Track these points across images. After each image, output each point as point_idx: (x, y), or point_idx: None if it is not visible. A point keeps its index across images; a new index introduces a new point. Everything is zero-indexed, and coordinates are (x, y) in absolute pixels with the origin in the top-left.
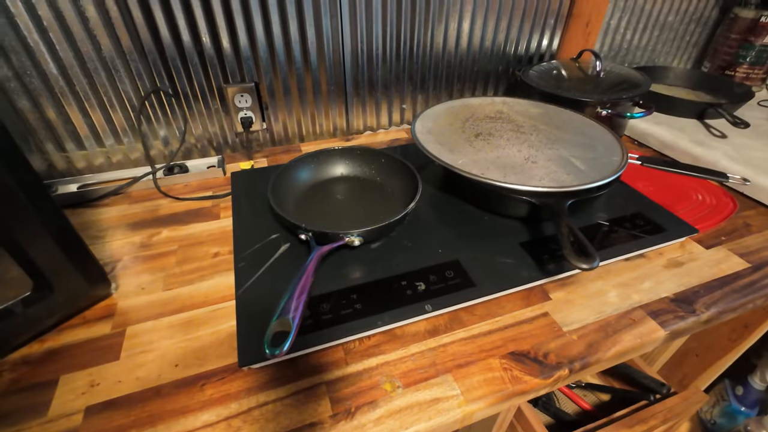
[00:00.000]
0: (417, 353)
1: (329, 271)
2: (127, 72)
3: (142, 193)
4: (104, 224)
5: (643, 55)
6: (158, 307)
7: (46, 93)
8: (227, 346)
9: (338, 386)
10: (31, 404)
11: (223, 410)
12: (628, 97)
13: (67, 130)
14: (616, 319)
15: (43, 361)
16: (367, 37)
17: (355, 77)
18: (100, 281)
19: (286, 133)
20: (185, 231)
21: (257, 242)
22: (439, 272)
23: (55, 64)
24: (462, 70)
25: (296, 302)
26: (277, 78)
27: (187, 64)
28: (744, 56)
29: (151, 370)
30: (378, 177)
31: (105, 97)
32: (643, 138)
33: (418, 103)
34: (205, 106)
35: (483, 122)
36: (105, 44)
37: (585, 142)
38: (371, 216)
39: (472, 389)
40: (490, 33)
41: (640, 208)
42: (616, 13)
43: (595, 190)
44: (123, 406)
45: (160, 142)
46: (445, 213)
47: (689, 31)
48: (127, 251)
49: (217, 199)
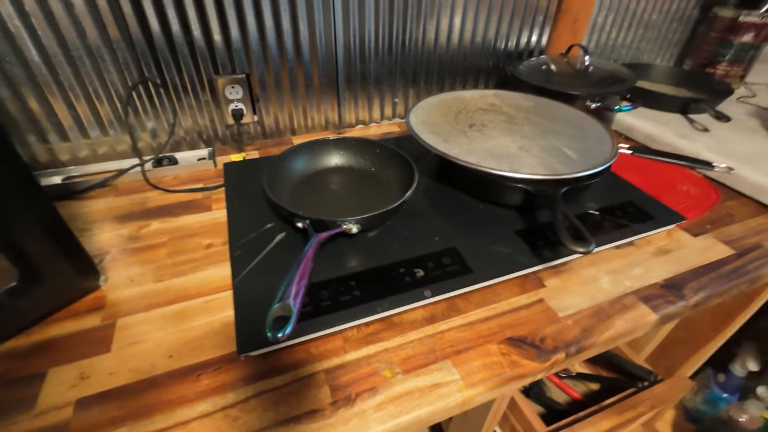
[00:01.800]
0: (415, 340)
1: (327, 259)
2: (113, 61)
3: (129, 186)
4: (91, 216)
5: (628, 53)
6: (149, 299)
7: (28, 82)
8: (223, 336)
9: (337, 374)
10: (18, 398)
11: (220, 400)
12: (616, 90)
13: (50, 121)
14: (609, 304)
15: (30, 354)
16: (359, 31)
17: (347, 71)
18: (88, 272)
19: (277, 125)
20: (176, 223)
21: (252, 232)
22: (436, 259)
23: (38, 52)
24: (453, 65)
25: (296, 287)
26: (269, 70)
27: (177, 55)
28: (723, 54)
29: (144, 362)
30: (373, 167)
31: (90, 87)
32: (630, 131)
33: (410, 97)
34: (195, 97)
35: (476, 114)
36: (90, 32)
37: (576, 133)
38: (367, 205)
39: (471, 374)
40: (481, 29)
41: (629, 198)
42: (602, 11)
43: (588, 178)
44: (116, 398)
45: (148, 134)
46: (441, 203)
47: (672, 30)
48: (115, 243)
49: (208, 191)
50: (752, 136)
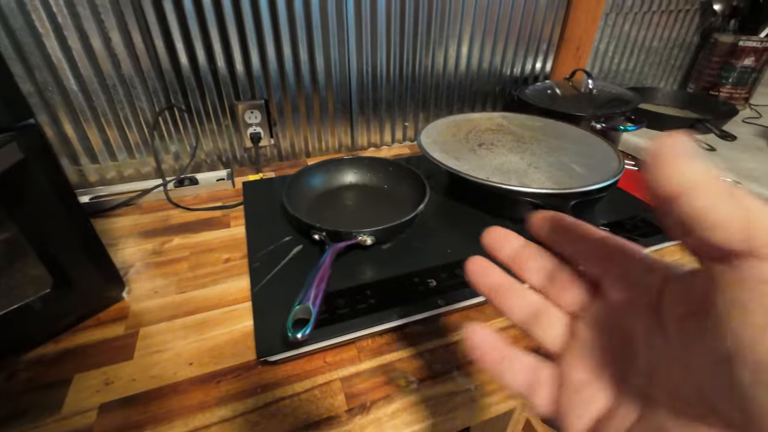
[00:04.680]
0: (429, 350)
1: (343, 270)
2: (144, 89)
3: (152, 204)
4: (116, 233)
5: (632, 77)
6: (171, 309)
7: (65, 108)
8: (242, 345)
9: (353, 382)
10: (45, 402)
11: (240, 406)
12: (620, 111)
13: (82, 145)
14: None
15: (57, 361)
16: (372, 59)
17: (360, 97)
18: (115, 284)
19: (293, 148)
20: (196, 239)
21: (270, 244)
22: (449, 270)
23: (76, 81)
24: (461, 90)
25: (316, 290)
26: (286, 97)
27: (201, 82)
28: (726, 77)
29: (165, 369)
30: (386, 184)
31: (121, 114)
32: (637, 152)
33: (420, 121)
34: (216, 122)
35: (485, 134)
36: (125, 63)
37: (583, 150)
38: (381, 219)
39: (485, 383)
40: (487, 56)
41: (637, 212)
42: (604, 39)
43: (597, 192)
44: (138, 403)
45: (171, 156)
46: (452, 217)
47: (673, 56)
48: (139, 257)
49: (227, 209)
50: (758, 155)
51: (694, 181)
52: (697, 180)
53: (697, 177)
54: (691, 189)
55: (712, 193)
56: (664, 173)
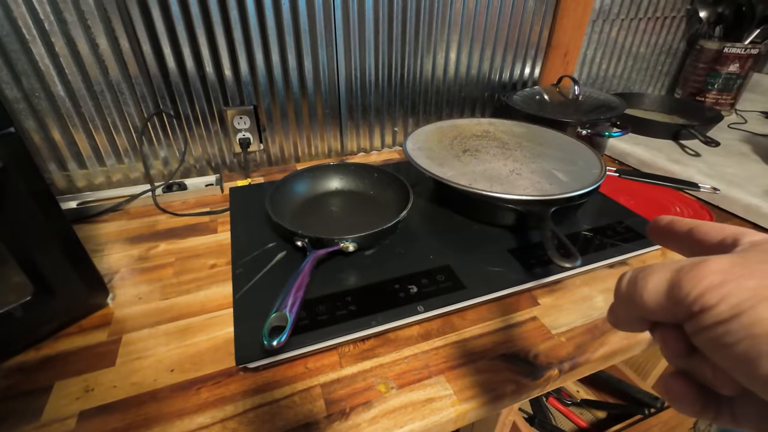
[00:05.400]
0: (410, 356)
1: (325, 276)
2: (131, 95)
3: (140, 210)
4: (102, 238)
5: (620, 83)
6: (155, 316)
7: (53, 114)
8: (223, 351)
9: (333, 388)
10: (25, 409)
11: (219, 412)
12: (606, 117)
13: (70, 150)
14: (604, 321)
15: (38, 368)
16: (360, 65)
17: (349, 102)
18: (98, 290)
19: (282, 153)
20: (183, 244)
21: (254, 250)
22: (430, 276)
23: (63, 87)
24: (450, 96)
25: (293, 298)
26: (275, 102)
27: (190, 88)
28: (712, 83)
29: (146, 376)
30: (371, 190)
31: (109, 119)
32: (623, 157)
33: (409, 126)
34: (206, 127)
35: (470, 140)
36: (112, 69)
37: (566, 157)
38: (365, 225)
39: (464, 389)
40: (476, 62)
41: (621, 219)
42: (591, 45)
43: (576, 198)
44: (118, 410)
45: (159, 162)
46: (436, 223)
47: (660, 62)
48: (124, 263)
49: (214, 215)
50: (743, 160)
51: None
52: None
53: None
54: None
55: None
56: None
